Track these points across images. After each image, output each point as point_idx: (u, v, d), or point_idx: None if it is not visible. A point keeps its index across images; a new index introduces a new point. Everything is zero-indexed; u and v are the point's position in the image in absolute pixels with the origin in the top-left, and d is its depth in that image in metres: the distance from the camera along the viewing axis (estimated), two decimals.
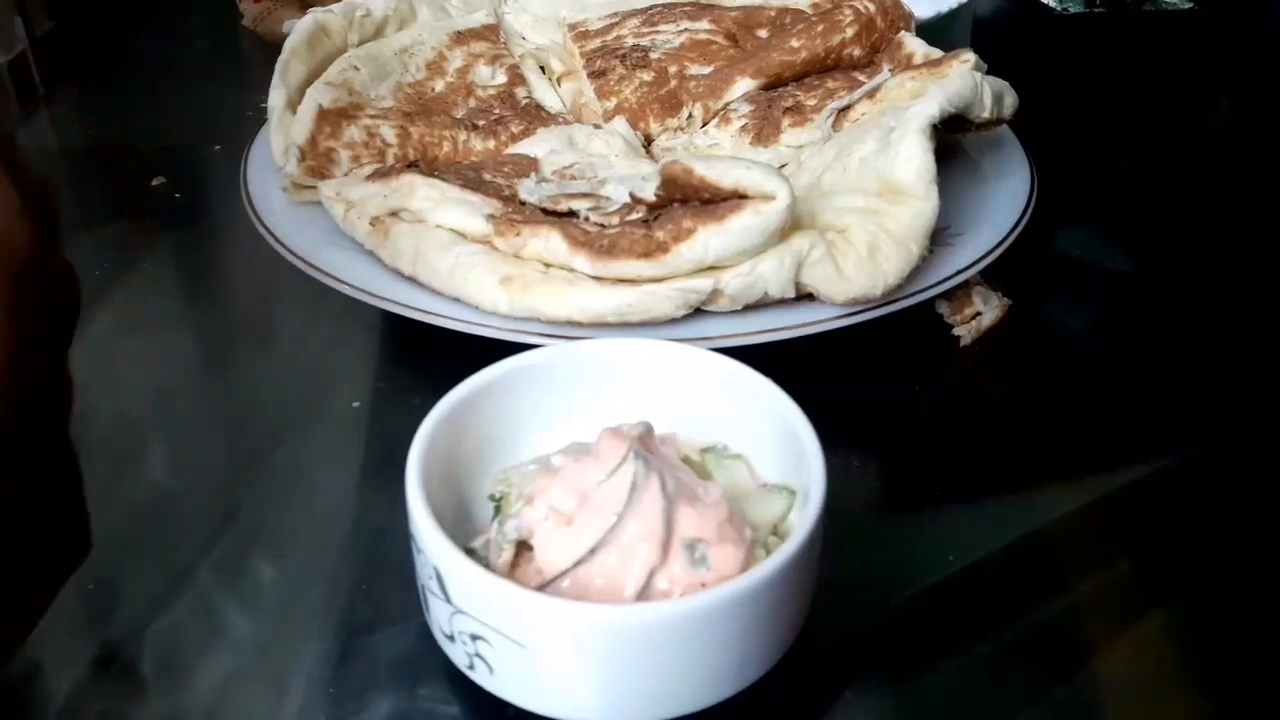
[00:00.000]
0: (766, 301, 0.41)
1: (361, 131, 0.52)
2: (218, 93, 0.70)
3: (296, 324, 0.48)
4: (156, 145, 0.63)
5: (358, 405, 0.42)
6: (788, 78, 0.57)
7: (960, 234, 0.47)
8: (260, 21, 0.80)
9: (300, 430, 0.41)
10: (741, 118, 0.55)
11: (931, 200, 0.41)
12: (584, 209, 0.44)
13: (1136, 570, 0.37)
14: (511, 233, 0.43)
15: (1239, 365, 0.47)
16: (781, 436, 0.33)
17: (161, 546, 0.37)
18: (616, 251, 0.40)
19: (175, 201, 0.56)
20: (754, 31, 0.62)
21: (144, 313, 0.49)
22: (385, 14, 0.61)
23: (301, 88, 0.54)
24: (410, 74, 0.59)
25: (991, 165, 0.53)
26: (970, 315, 0.46)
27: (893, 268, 0.41)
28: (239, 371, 0.45)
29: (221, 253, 0.53)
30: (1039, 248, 0.49)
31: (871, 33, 0.58)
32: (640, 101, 0.57)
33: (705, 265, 0.40)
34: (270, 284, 0.49)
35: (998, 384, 0.46)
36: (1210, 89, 0.59)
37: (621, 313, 0.40)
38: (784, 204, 0.39)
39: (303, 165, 0.49)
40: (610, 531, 0.28)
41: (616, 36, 0.63)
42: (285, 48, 0.55)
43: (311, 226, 0.48)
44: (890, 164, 0.42)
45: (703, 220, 0.39)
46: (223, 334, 0.47)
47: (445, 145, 0.53)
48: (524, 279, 0.41)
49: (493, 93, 0.60)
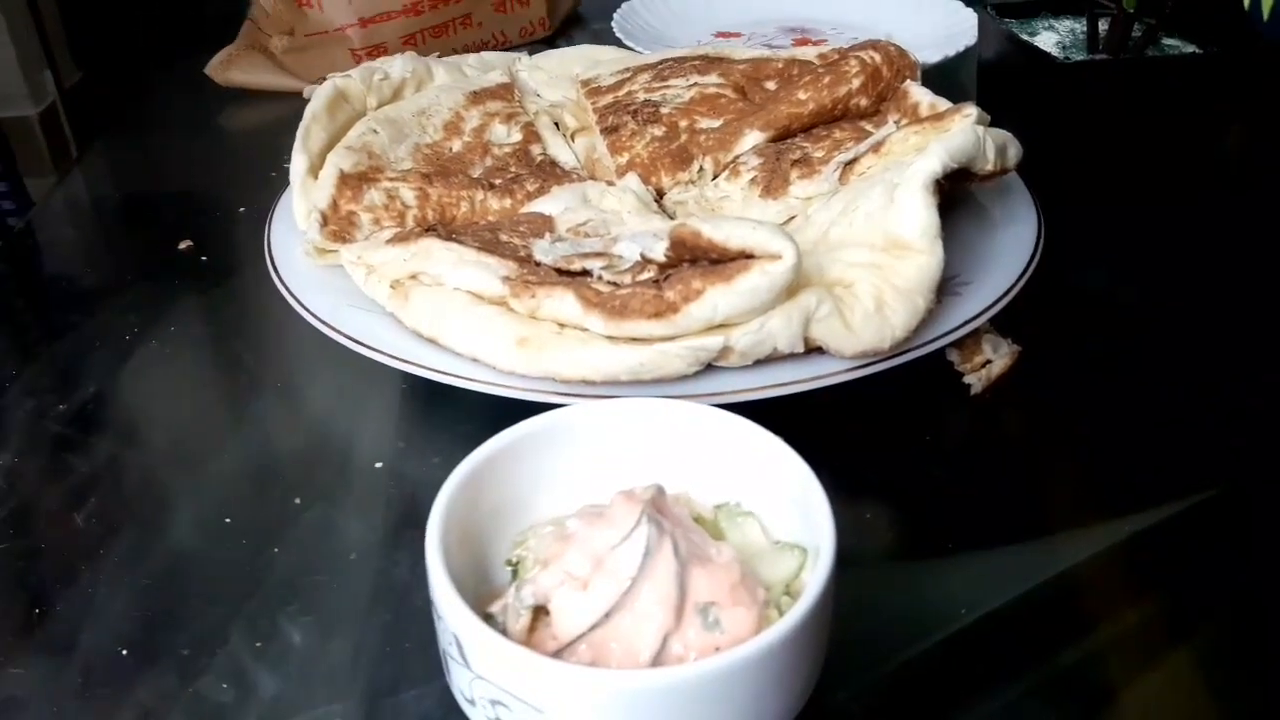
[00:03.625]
0: (776, 356, 0.42)
1: (382, 194, 0.54)
2: (244, 145, 0.72)
3: (320, 384, 0.49)
4: (184, 208, 0.66)
5: (380, 466, 0.43)
6: (796, 129, 0.58)
7: (969, 282, 0.48)
8: (221, 70, 0.82)
9: (325, 490, 0.42)
10: (751, 170, 0.56)
11: (936, 255, 0.42)
12: (597, 268, 0.46)
13: (1158, 616, 0.37)
14: (527, 294, 0.44)
15: (1255, 402, 0.47)
16: (792, 494, 0.33)
17: (190, 608, 0.38)
18: (628, 312, 0.41)
19: (202, 264, 0.58)
20: (762, 84, 0.64)
21: (171, 375, 0.50)
22: (403, 76, 0.63)
23: (322, 152, 0.56)
24: (428, 135, 0.60)
25: (1000, 211, 0.53)
26: (980, 363, 0.46)
27: (899, 321, 0.42)
28: (265, 432, 0.46)
29: (247, 315, 0.54)
30: (1048, 292, 0.49)
31: (878, 82, 0.59)
32: (652, 156, 0.59)
33: (715, 324, 0.41)
34: (294, 345, 0.50)
35: (1010, 431, 0.46)
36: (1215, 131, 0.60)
37: (634, 372, 0.41)
38: (790, 263, 0.40)
39: (325, 230, 0.51)
40: (624, 596, 0.28)
41: (628, 92, 0.65)
42: (306, 114, 0.57)
43: (334, 289, 0.49)
44: (895, 219, 0.43)
45: (711, 280, 0.40)
46: (249, 395, 0.48)
47: (463, 205, 0.55)
48: (539, 339, 0.42)
49: (508, 150, 0.61)
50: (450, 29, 0.85)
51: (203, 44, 0.84)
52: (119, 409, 0.48)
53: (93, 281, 0.58)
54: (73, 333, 0.53)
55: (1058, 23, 0.60)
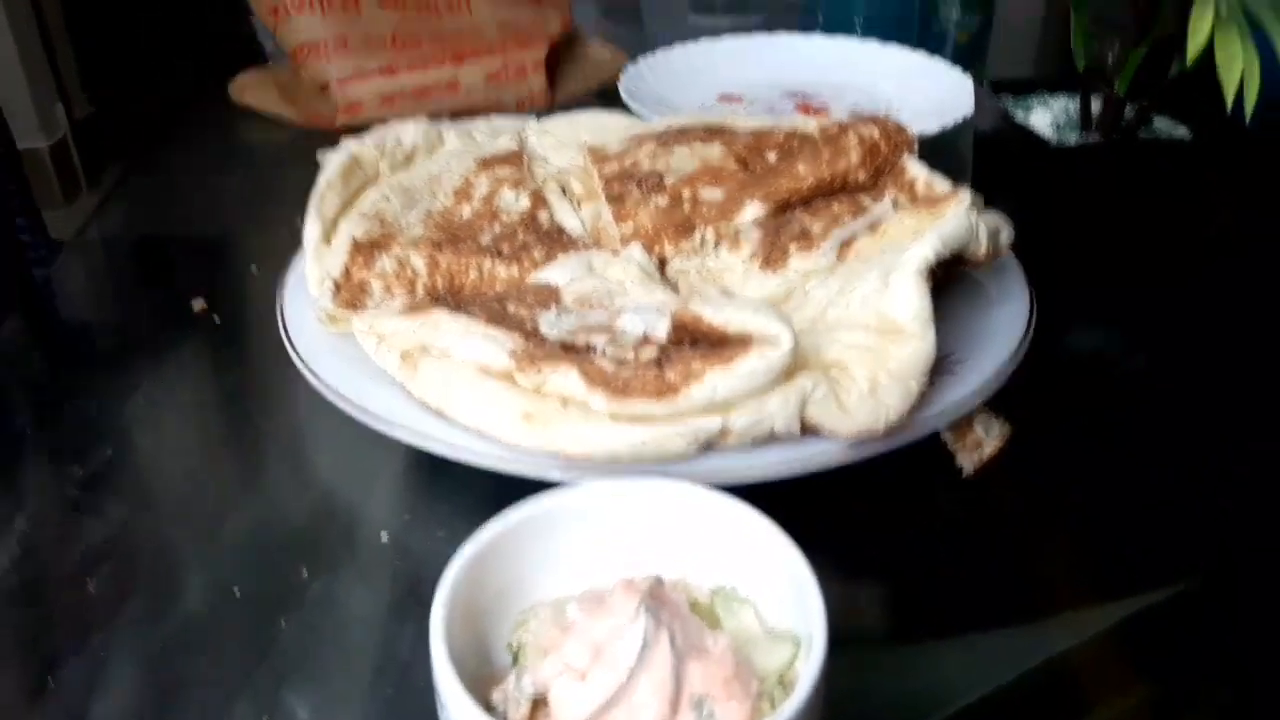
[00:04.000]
0: (773, 437, 0.43)
1: (393, 261, 0.55)
2: (258, 189, 0.74)
3: (329, 451, 0.50)
4: (199, 260, 0.67)
5: (385, 539, 0.44)
6: (795, 202, 0.60)
7: (963, 361, 0.49)
8: (238, 89, 0.85)
9: (331, 561, 0.44)
10: (751, 242, 0.58)
11: (928, 340, 0.43)
12: (601, 343, 0.47)
13: (1150, 701, 0.38)
14: (532, 369, 0.45)
15: (1247, 484, 0.48)
16: (786, 582, 0.34)
17: (199, 679, 0.39)
18: (630, 391, 0.42)
19: (215, 325, 0.60)
20: (763, 155, 0.65)
21: (185, 439, 0.52)
22: (415, 143, 0.65)
23: (336, 218, 0.57)
24: (439, 201, 0.62)
25: (994, 287, 0.55)
26: (973, 444, 0.48)
27: (894, 404, 0.43)
28: (274, 499, 0.48)
29: (259, 378, 0.55)
30: (1040, 370, 0.50)
31: (875, 157, 0.60)
32: (655, 226, 0.60)
33: (714, 405, 0.42)
34: (305, 410, 0.51)
35: (1002, 511, 0.47)
36: (1204, 212, 0.61)
37: (636, 451, 0.42)
38: (786, 348, 0.41)
39: (337, 298, 0.52)
40: (622, 689, 0.29)
41: (634, 160, 0.67)
42: (320, 180, 0.58)
43: (345, 356, 0.50)
44: (889, 304, 0.44)
45: (711, 363, 0.42)
46: (259, 461, 0.50)
47: (472, 273, 0.56)
48: (544, 416, 0.43)
49: (516, 217, 0.62)
50: (433, 93, 0.86)
51: (215, 81, 0.86)
52: (133, 472, 0.49)
53: (109, 339, 0.59)
54: (89, 393, 0.54)
55: (1053, 100, 0.62)
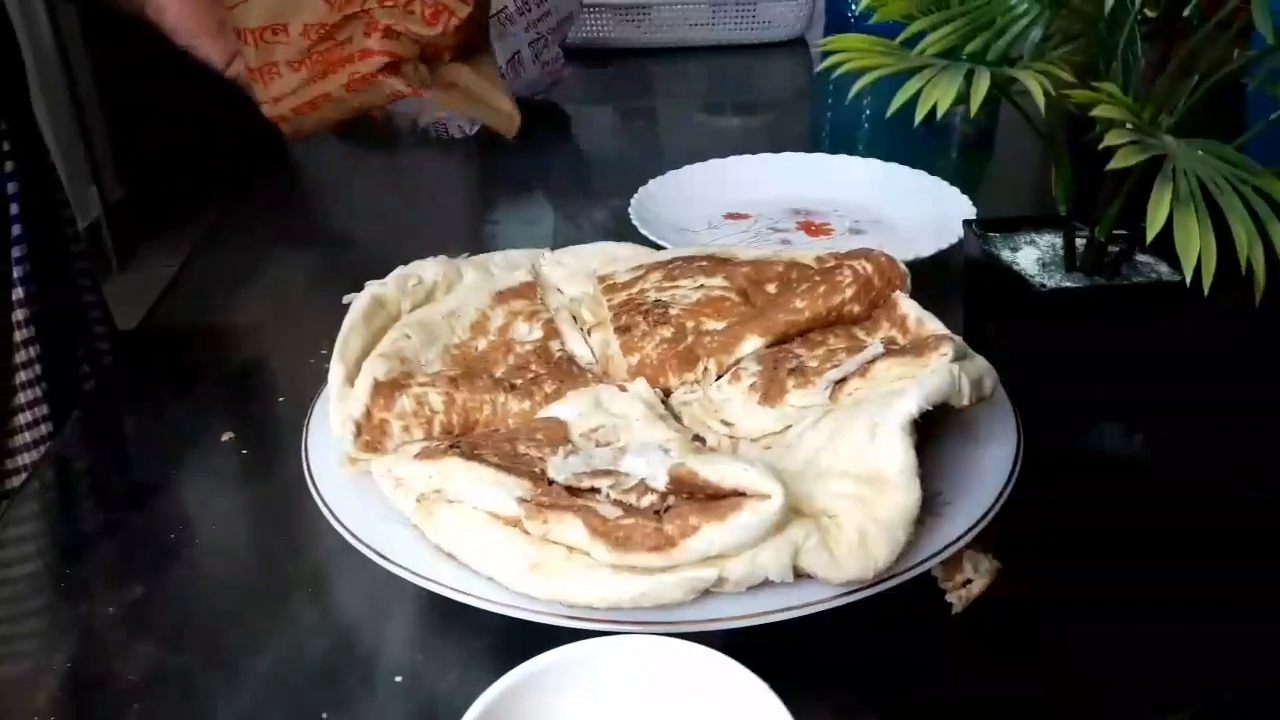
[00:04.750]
0: (767, 582, 0.46)
1: (412, 401, 0.58)
2: (286, 294, 0.77)
3: (348, 590, 0.53)
4: (227, 386, 0.71)
5: (399, 680, 0.47)
6: (793, 335, 0.63)
7: (950, 501, 0.51)
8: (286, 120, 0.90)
9: (349, 703, 0.46)
10: (751, 376, 0.61)
11: (913, 493, 0.46)
12: (605, 486, 0.50)
13: None
14: (539, 518, 0.48)
15: (1237, 611, 0.49)
16: None
17: None
18: (630, 544, 0.45)
19: (242, 458, 0.63)
20: (764, 287, 0.69)
21: (212, 576, 0.54)
22: (435, 280, 0.69)
23: (359, 361, 0.61)
24: (457, 335, 0.65)
25: (983, 423, 0.57)
26: (961, 582, 0.50)
27: (882, 553, 0.45)
28: (296, 638, 0.50)
29: (283, 515, 0.58)
30: (1029, 504, 0.53)
31: (869, 291, 0.64)
32: (660, 357, 0.63)
33: (710, 556, 0.45)
34: (325, 548, 0.54)
35: (992, 650, 0.49)
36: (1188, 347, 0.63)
37: (635, 601, 0.45)
38: (778, 504, 0.44)
39: (358, 440, 0.55)
40: None
41: (641, 290, 0.70)
42: (345, 324, 0.62)
43: (366, 496, 0.53)
44: (875, 456, 0.47)
45: (706, 518, 0.44)
46: (281, 599, 0.52)
47: (486, 409, 0.59)
48: (550, 565, 0.46)
49: (529, 348, 0.66)
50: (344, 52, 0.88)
51: (248, 179, 0.91)
52: (163, 612, 0.52)
53: (140, 472, 0.63)
54: (122, 529, 0.57)
55: (1039, 238, 0.65)
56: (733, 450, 0.57)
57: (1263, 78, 0.52)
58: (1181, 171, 0.44)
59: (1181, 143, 0.46)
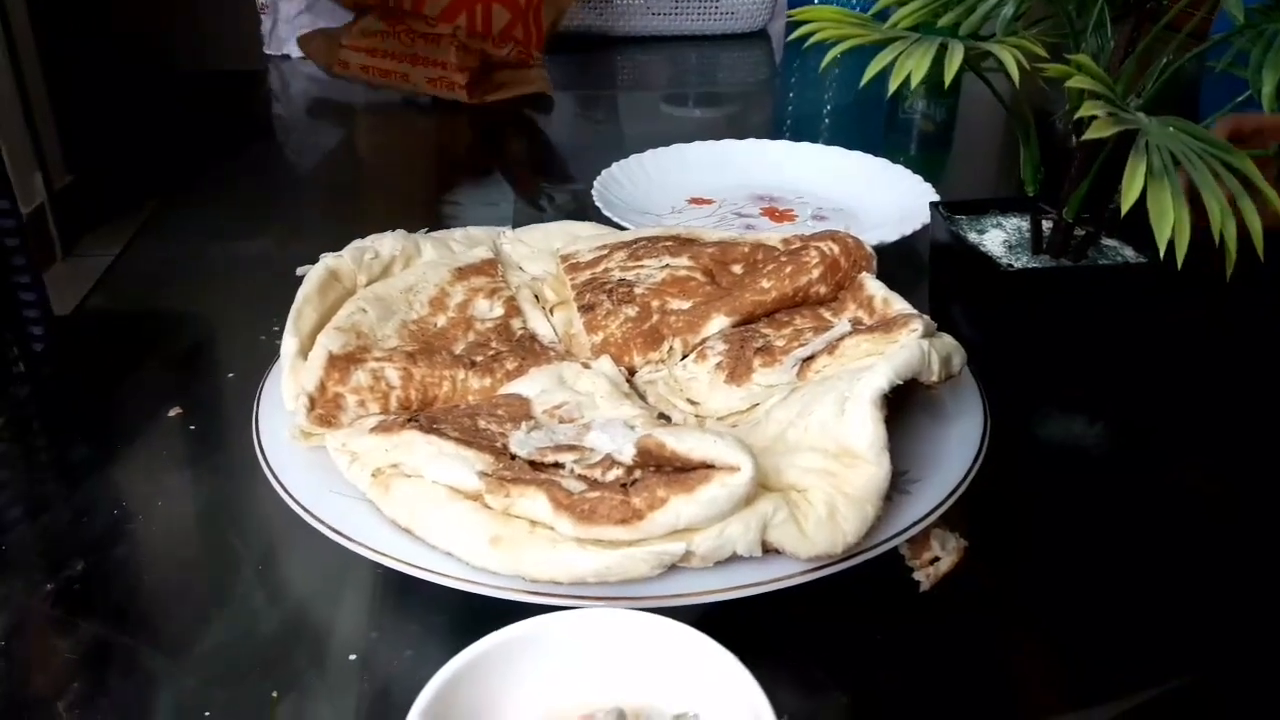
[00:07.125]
0: (735, 558, 0.45)
1: (368, 375, 0.56)
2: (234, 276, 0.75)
3: (300, 566, 0.51)
4: (175, 361, 0.69)
5: (354, 658, 0.45)
6: (759, 315, 0.62)
7: (918, 479, 0.51)
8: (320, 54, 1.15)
9: (300, 681, 0.44)
10: (717, 355, 0.60)
11: (883, 466, 0.45)
12: (569, 461, 0.48)
13: None
14: (501, 492, 0.46)
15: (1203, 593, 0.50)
16: (746, 710, 0.35)
17: None
18: (596, 517, 0.44)
19: (190, 434, 0.60)
20: (729, 267, 0.68)
21: (158, 552, 0.52)
22: (392, 254, 0.67)
23: (313, 333, 0.59)
24: (414, 311, 0.64)
25: (951, 402, 0.57)
26: (929, 560, 0.49)
27: (851, 528, 0.44)
28: (245, 615, 0.48)
29: (232, 491, 0.56)
30: (996, 483, 0.52)
31: (836, 272, 0.63)
32: (625, 336, 0.62)
33: (677, 529, 0.43)
34: (276, 524, 0.52)
35: (959, 627, 0.48)
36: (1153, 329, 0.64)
37: (601, 574, 0.43)
38: (747, 476, 0.43)
39: (311, 414, 0.53)
40: None
41: (605, 269, 0.69)
42: (299, 295, 0.60)
43: (319, 470, 0.51)
44: (845, 431, 0.46)
45: (674, 490, 0.43)
46: (230, 576, 0.50)
47: (445, 385, 0.58)
48: (512, 539, 0.45)
49: (490, 325, 0.64)
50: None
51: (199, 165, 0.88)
52: (105, 588, 0.49)
53: (83, 449, 0.60)
54: (63, 504, 0.55)
55: (1005, 220, 0.65)
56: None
57: (1228, 60, 0.52)
58: (1155, 146, 0.44)
59: (1154, 119, 0.46)
